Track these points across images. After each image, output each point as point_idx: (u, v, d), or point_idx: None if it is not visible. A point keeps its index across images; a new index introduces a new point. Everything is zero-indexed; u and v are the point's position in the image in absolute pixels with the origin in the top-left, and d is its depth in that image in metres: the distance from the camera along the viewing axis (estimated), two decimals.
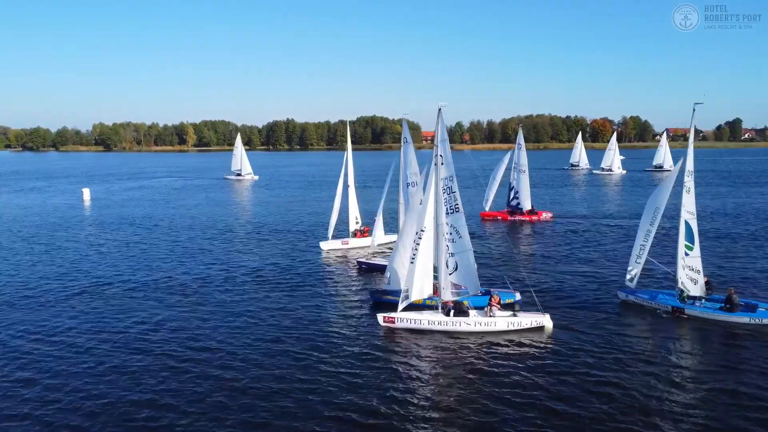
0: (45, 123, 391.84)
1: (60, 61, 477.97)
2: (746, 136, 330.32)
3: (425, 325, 22.18)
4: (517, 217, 50.15)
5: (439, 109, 22.06)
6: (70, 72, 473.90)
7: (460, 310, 22.44)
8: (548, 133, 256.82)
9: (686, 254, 23.39)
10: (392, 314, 22.21)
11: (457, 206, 22.19)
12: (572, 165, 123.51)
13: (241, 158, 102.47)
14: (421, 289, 22.68)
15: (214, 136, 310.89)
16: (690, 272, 23.33)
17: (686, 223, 23.40)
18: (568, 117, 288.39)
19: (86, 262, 33.48)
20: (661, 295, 24.39)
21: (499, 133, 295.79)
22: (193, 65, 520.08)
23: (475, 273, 23.02)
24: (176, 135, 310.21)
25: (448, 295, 22.72)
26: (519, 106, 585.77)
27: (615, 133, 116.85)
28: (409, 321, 22.22)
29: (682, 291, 23.41)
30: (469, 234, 22.92)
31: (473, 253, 23.06)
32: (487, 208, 51.14)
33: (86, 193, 73.23)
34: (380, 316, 22.35)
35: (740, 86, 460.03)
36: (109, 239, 41.09)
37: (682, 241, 23.42)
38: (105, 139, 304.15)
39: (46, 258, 34.84)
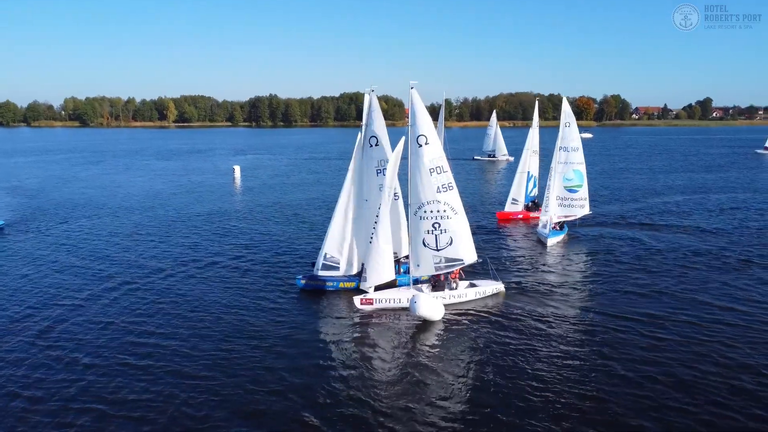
0: (11, 97, 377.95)
1: (27, 31, 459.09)
2: (714, 114, 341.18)
3: (404, 304, 22.27)
4: (536, 214, 39.96)
5: (411, 88, 21.82)
6: (37, 43, 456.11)
7: (436, 285, 23.43)
8: (532, 111, 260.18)
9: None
10: (369, 296, 22.36)
11: (450, 185, 22.40)
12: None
13: (494, 138, 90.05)
14: (383, 271, 22.78)
15: (195, 112, 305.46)
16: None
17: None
18: (551, 95, 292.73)
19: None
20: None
21: (486, 111, 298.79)
22: (168, 38, 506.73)
23: (471, 243, 23.45)
24: (156, 110, 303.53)
25: (426, 271, 23.19)
26: (501, 84, 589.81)
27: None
28: (387, 301, 22.53)
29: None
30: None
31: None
32: (506, 208, 41.56)
33: (237, 170, 73.11)
34: (357, 300, 22.28)
35: (711, 66, 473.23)
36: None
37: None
38: (80, 114, 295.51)
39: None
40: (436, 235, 22.66)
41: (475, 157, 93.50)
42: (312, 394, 15.90)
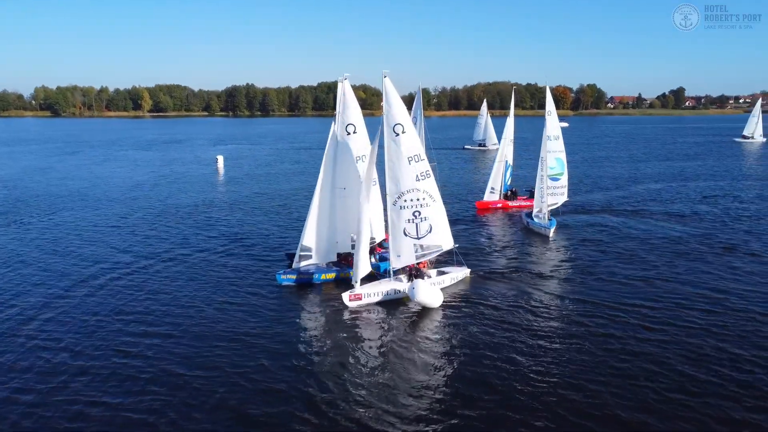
0: None
1: None
2: (687, 103, 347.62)
3: (392, 296, 22.48)
4: (519, 202, 41.86)
5: (384, 76, 21.76)
6: (5, 31, 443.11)
7: (412, 275, 23.39)
8: (510, 100, 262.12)
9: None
10: (358, 291, 21.96)
11: (428, 172, 22.56)
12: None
13: (485, 127, 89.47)
14: (367, 264, 22.91)
15: (171, 102, 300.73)
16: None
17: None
18: (528, 84, 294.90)
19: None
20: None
21: (464, 100, 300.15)
22: (142, 26, 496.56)
23: (448, 229, 23.89)
24: (130, 100, 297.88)
25: (407, 260, 23.25)
26: (479, 73, 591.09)
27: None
28: (376, 294, 22.28)
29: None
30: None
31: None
32: (485, 197, 41.67)
33: (220, 160, 72.30)
34: (346, 296, 21.80)
35: (685, 56, 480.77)
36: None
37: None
38: (51, 103, 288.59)
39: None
40: (416, 224, 22.87)
41: (466, 147, 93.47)
42: (293, 388, 15.84)
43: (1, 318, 20.97)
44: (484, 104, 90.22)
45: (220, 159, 72.60)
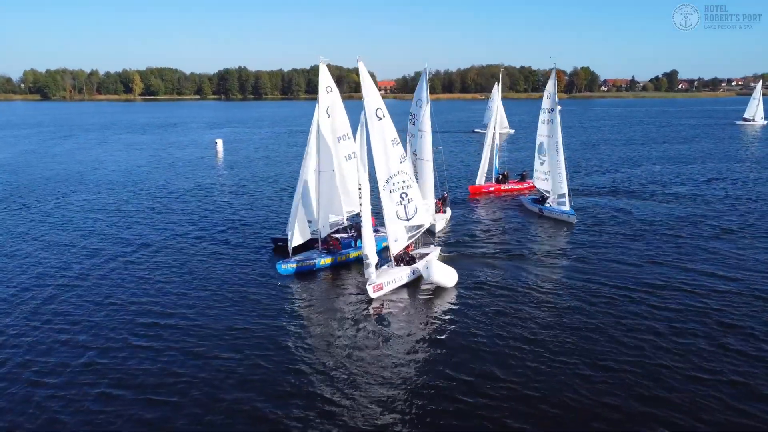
0: None
1: None
2: (680, 86, 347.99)
3: (407, 280, 22.70)
4: (510, 186, 41.96)
5: (359, 62, 21.63)
6: None
7: (410, 260, 23.66)
8: (507, 83, 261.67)
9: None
10: (379, 282, 21.46)
11: (404, 155, 22.84)
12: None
13: (496, 110, 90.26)
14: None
15: (162, 85, 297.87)
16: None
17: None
18: (522, 67, 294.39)
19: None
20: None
21: (458, 83, 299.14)
22: (132, 8, 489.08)
23: (424, 206, 24.15)
24: (121, 83, 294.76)
25: (403, 244, 23.29)
26: (472, 57, 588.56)
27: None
28: (396, 281, 22.21)
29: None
30: None
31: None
32: (477, 181, 41.16)
33: (219, 143, 71.78)
34: (370, 288, 21.13)
35: (678, 39, 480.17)
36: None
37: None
38: (41, 87, 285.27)
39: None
40: (404, 206, 23.03)
41: (475, 130, 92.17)
42: (303, 377, 15.82)
43: (19, 301, 20.97)
44: (495, 87, 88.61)
45: (220, 142, 72.26)
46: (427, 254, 24.48)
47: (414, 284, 22.66)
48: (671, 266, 24.06)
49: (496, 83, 54.78)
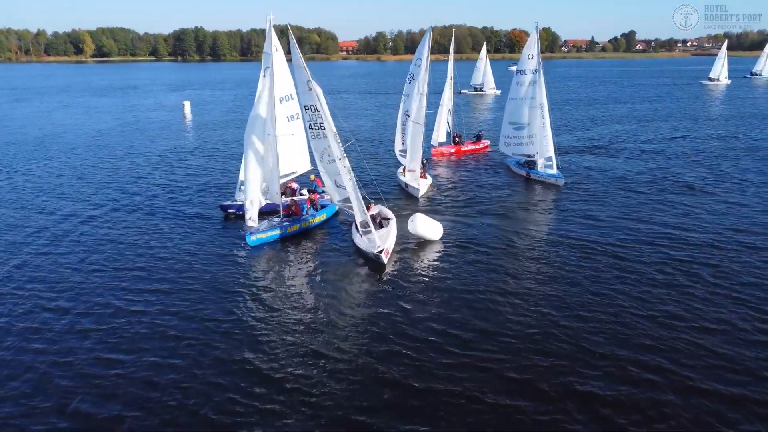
0: None
1: None
2: (638, 47, 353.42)
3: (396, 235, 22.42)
4: (468, 147, 42.22)
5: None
6: None
7: (383, 218, 23.71)
8: (469, 44, 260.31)
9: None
10: (386, 247, 20.68)
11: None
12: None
13: (484, 71, 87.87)
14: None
15: (115, 46, 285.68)
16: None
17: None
18: (484, 27, 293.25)
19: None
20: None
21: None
22: None
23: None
24: (70, 44, 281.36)
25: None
26: (430, 16, 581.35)
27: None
28: (393, 241, 21.78)
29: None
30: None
31: None
32: (437, 144, 41.22)
33: (187, 106, 69.87)
34: (384, 257, 20.22)
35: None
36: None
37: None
38: None
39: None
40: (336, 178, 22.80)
41: (462, 91, 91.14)
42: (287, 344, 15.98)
43: None
44: (484, 48, 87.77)
45: (187, 105, 70.83)
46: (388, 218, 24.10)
47: (398, 239, 22.79)
48: (645, 222, 25.00)
49: (484, 44, 54.34)
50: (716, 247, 21.74)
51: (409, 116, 28.76)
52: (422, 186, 29.68)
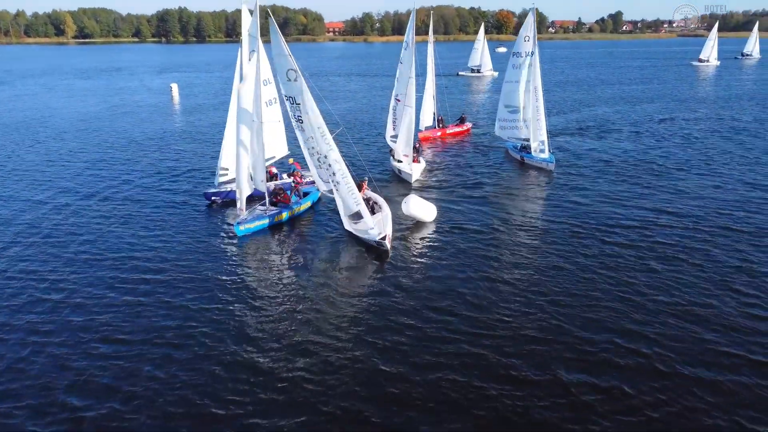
0: None
1: None
2: (625, 28, 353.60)
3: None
4: (453, 130, 42.18)
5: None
6: None
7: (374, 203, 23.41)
8: (456, 24, 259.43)
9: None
10: (386, 233, 20.30)
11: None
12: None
13: (481, 53, 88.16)
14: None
15: (97, 27, 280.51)
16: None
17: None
18: (472, 8, 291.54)
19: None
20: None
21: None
22: None
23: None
24: (51, 25, 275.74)
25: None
26: None
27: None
28: (389, 227, 21.24)
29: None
30: None
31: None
32: (423, 128, 40.34)
33: (175, 88, 68.86)
34: (387, 245, 19.89)
35: None
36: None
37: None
38: None
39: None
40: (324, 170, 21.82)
41: (460, 73, 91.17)
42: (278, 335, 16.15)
43: None
44: (482, 30, 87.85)
45: (175, 87, 69.98)
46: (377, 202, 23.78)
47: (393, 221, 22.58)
48: (637, 207, 25.03)
49: (482, 25, 53.63)
50: (702, 230, 21.95)
51: (399, 100, 28.60)
52: (415, 171, 29.64)
